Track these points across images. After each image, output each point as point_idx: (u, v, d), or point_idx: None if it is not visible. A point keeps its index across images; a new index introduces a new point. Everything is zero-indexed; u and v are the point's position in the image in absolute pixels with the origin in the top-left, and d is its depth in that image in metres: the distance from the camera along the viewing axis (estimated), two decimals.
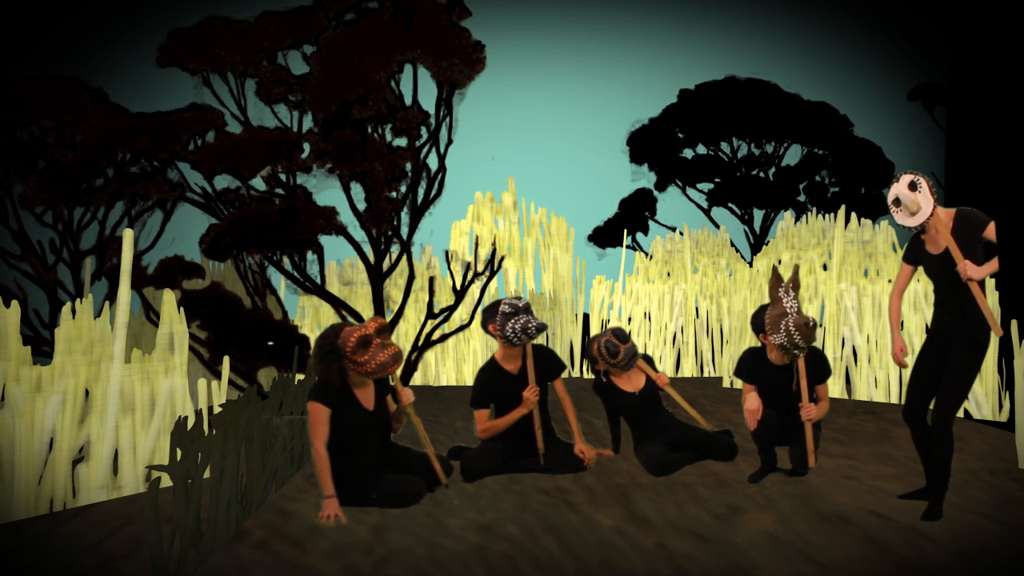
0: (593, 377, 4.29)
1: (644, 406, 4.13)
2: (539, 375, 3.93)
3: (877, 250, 7.59)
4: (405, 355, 7.40)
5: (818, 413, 3.72)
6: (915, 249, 3.22)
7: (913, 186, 3.07)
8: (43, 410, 3.60)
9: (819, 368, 3.79)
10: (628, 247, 11.35)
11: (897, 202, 3.09)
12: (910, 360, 3.41)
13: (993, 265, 3.05)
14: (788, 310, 3.62)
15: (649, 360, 4.21)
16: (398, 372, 3.42)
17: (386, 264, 7.28)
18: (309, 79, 6.77)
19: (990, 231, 3.07)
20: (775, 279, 3.71)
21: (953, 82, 11.30)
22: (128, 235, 4.02)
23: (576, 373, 8.64)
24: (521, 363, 3.94)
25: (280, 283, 8.06)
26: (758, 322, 3.76)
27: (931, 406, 3.23)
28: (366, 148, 6.68)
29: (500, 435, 3.96)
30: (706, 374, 8.32)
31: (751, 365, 3.84)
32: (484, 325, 3.96)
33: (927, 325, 6.42)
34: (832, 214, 8.36)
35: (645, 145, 12.57)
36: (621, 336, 4.03)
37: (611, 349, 4.01)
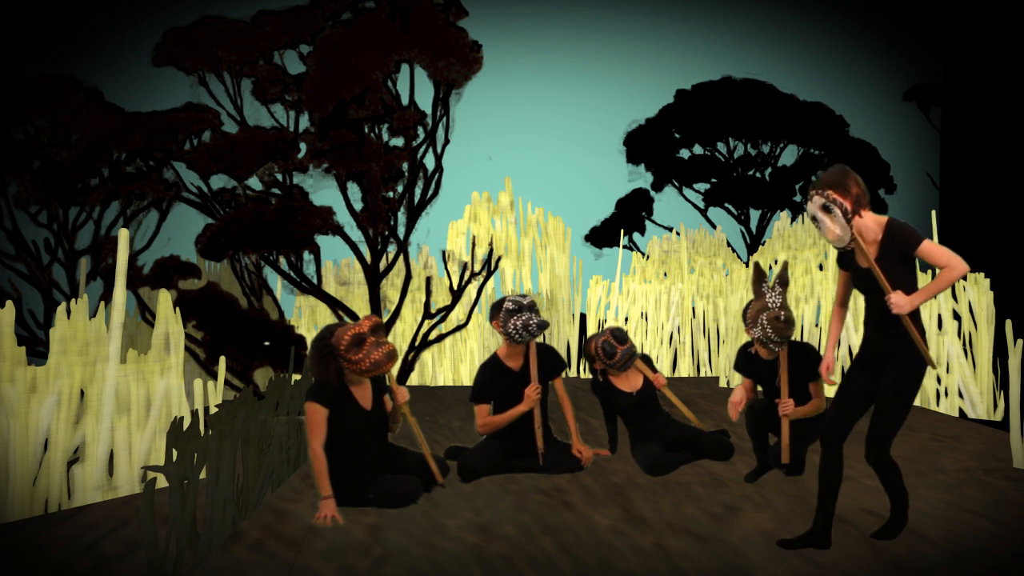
0: (591, 377, 4.30)
1: (641, 406, 4.14)
2: (541, 373, 3.94)
3: None
4: (402, 355, 7.39)
5: (806, 410, 3.73)
6: (845, 256, 2.81)
7: (826, 208, 2.64)
8: (38, 411, 3.59)
9: (807, 364, 3.80)
10: (625, 247, 11.37)
11: (816, 220, 2.71)
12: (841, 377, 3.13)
13: (926, 293, 2.57)
14: (769, 304, 3.69)
15: (648, 360, 4.22)
16: (394, 371, 3.42)
17: (383, 264, 7.27)
18: (306, 79, 6.75)
19: (924, 250, 2.59)
20: (756, 275, 3.78)
21: (948, 83, 11.35)
22: (124, 235, 4.01)
23: (573, 373, 8.65)
24: (523, 361, 3.95)
25: (276, 283, 8.04)
26: (743, 316, 3.84)
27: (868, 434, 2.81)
28: (363, 148, 6.67)
29: (498, 434, 3.97)
30: (703, 374, 8.34)
31: (744, 360, 3.91)
32: (491, 320, 4.00)
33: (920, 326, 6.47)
34: None
35: (642, 145, 12.60)
36: (619, 337, 4.04)
37: (607, 350, 4.02)
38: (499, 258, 7.88)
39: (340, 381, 3.36)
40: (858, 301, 6.86)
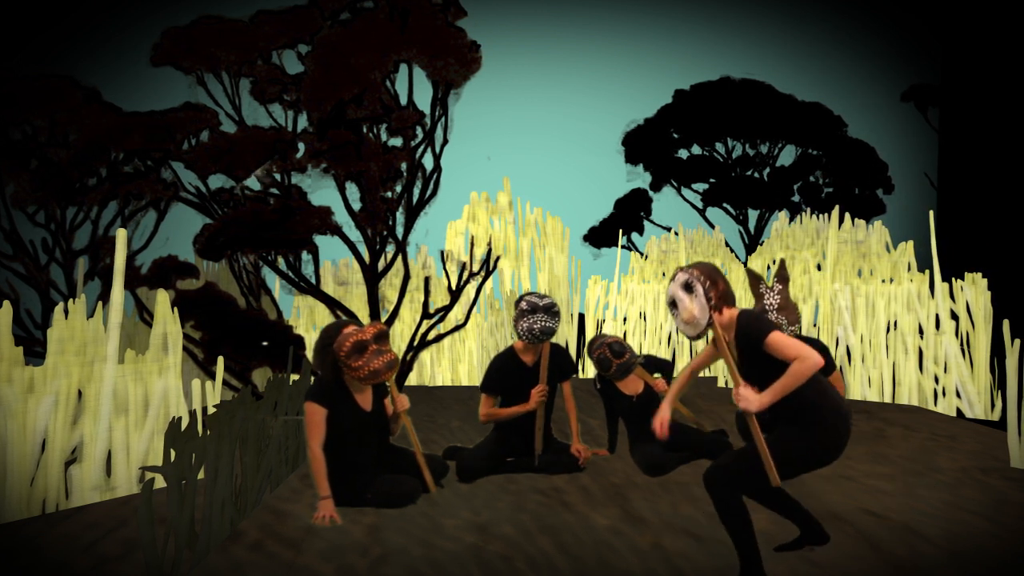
0: (592, 377, 4.32)
1: (642, 409, 4.15)
2: (551, 375, 3.94)
3: (871, 250, 7.63)
4: (400, 355, 7.38)
5: None
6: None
7: (688, 287, 2.47)
8: (35, 411, 3.58)
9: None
10: (623, 247, 11.37)
11: (674, 304, 2.53)
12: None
13: (774, 392, 2.36)
14: (766, 307, 3.77)
15: (652, 363, 4.23)
16: (393, 377, 3.42)
17: (381, 264, 7.26)
18: (304, 78, 6.74)
19: (772, 342, 2.39)
20: (752, 279, 3.85)
21: (946, 83, 11.36)
22: (121, 235, 4.00)
23: None
24: (538, 358, 3.97)
25: (275, 283, 8.03)
26: None
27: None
28: (361, 148, 6.66)
29: (498, 433, 3.97)
30: (701, 374, 8.33)
31: None
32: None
33: (920, 325, 6.48)
34: (826, 214, 8.39)
35: (640, 145, 12.60)
36: (616, 351, 4.05)
37: (603, 363, 4.05)
38: (498, 258, 7.88)
39: (338, 380, 3.37)
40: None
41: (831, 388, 2.49)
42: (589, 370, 8.20)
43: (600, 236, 12.42)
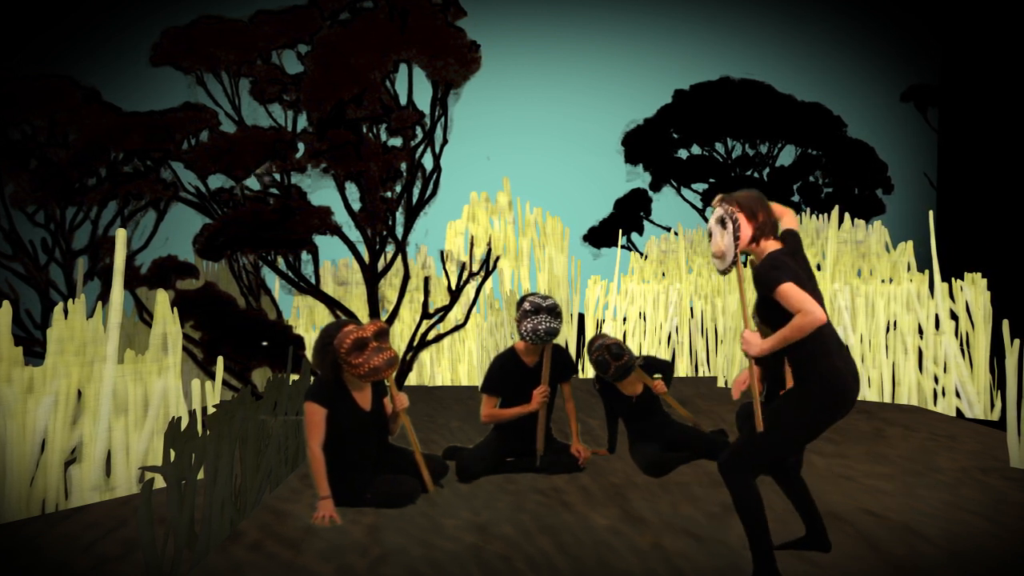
0: (592, 377, 4.31)
1: (642, 410, 4.16)
2: (552, 376, 3.94)
3: (870, 250, 7.63)
4: (400, 355, 7.38)
5: None
6: None
7: (722, 222, 2.48)
8: (35, 411, 3.58)
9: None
10: (623, 247, 11.37)
11: (711, 234, 2.55)
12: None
13: (775, 340, 2.37)
14: None
15: (651, 364, 4.22)
16: (393, 376, 3.42)
17: (381, 264, 7.26)
18: (304, 78, 6.74)
19: (780, 293, 2.36)
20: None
21: (945, 83, 11.38)
22: (121, 235, 4.00)
23: None
24: (539, 358, 3.97)
25: (274, 283, 8.03)
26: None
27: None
28: (361, 148, 6.66)
29: (498, 433, 3.97)
30: (701, 374, 8.34)
31: None
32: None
33: (920, 325, 6.49)
34: (826, 214, 8.39)
35: (640, 145, 12.61)
36: (615, 353, 4.05)
37: (602, 365, 4.05)
38: (497, 258, 7.87)
39: (338, 380, 3.37)
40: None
41: (838, 348, 2.46)
42: (589, 370, 8.20)
43: (600, 236, 12.43)
